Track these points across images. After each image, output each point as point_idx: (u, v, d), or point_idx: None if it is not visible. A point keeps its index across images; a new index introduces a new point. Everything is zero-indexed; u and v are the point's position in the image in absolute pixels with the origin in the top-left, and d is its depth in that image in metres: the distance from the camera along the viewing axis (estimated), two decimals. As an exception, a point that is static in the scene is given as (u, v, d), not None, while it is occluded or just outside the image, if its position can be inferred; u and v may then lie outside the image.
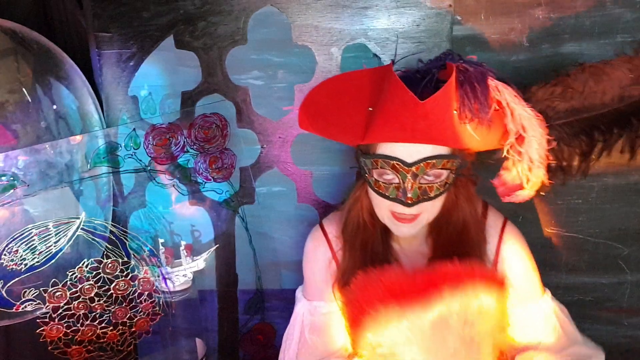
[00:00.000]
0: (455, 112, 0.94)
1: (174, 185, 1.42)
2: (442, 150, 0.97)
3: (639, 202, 1.36)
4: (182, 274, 1.41)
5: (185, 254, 1.40)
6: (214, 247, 1.46)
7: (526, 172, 1.00)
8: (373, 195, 1.05)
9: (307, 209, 1.46)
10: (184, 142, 1.40)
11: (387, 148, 0.98)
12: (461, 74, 0.96)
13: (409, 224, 1.02)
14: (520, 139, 0.98)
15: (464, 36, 1.30)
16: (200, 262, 1.41)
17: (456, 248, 1.06)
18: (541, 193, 1.04)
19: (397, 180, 0.98)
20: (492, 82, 0.97)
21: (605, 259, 1.39)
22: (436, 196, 1.00)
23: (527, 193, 1.03)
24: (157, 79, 1.39)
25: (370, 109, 0.97)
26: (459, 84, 0.95)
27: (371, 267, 1.03)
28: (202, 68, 1.38)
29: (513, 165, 1.02)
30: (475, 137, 0.96)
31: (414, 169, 0.96)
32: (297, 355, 1.20)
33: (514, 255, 1.12)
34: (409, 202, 0.98)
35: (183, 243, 1.40)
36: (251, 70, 1.37)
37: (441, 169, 0.98)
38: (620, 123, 1.13)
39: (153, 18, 1.35)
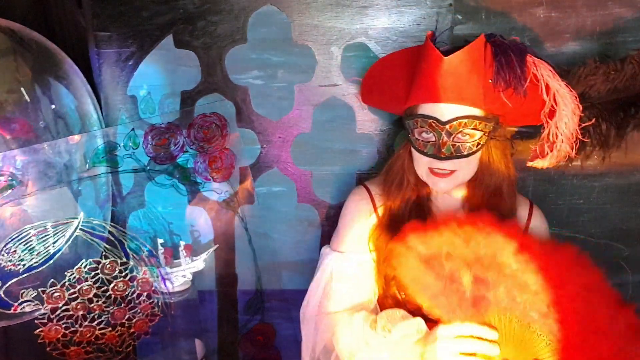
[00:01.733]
0: (490, 81, 1.06)
1: (173, 185, 1.42)
2: (475, 111, 1.07)
3: (639, 203, 1.36)
4: (182, 275, 1.40)
5: (185, 254, 1.39)
6: (214, 248, 1.45)
7: (551, 143, 1.11)
8: (414, 153, 1.15)
9: (307, 209, 1.46)
10: (184, 142, 1.39)
11: (427, 109, 1.09)
12: (497, 47, 1.08)
13: (444, 179, 1.11)
14: (552, 112, 1.09)
15: (464, 35, 1.30)
16: (199, 263, 1.40)
17: (490, 211, 1.11)
18: (568, 165, 1.14)
19: (433, 138, 1.09)
20: (530, 59, 1.09)
21: (607, 260, 1.39)
22: (469, 154, 1.09)
23: (543, 163, 1.15)
24: (157, 78, 1.38)
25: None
26: (494, 54, 1.07)
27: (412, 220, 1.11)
28: (202, 67, 1.37)
29: (545, 136, 1.12)
30: (508, 104, 1.06)
31: (447, 127, 1.07)
32: (321, 304, 1.22)
33: (540, 230, 1.20)
34: (443, 156, 1.08)
35: (182, 243, 1.40)
36: (251, 70, 1.37)
37: (473, 129, 1.07)
38: None
39: (152, 17, 1.34)
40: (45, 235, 1.28)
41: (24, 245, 1.26)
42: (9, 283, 1.26)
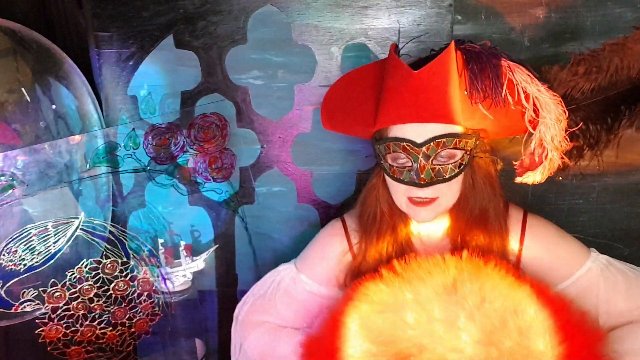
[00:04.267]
0: (465, 92, 0.95)
1: (173, 186, 1.42)
2: (453, 129, 0.97)
3: (638, 203, 1.36)
4: (182, 274, 1.40)
5: (185, 254, 1.39)
6: (214, 247, 1.45)
7: (540, 154, 1.00)
8: (390, 182, 1.05)
9: (307, 209, 1.46)
10: (184, 142, 1.39)
11: (398, 130, 0.99)
12: (468, 54, 0.97)
13: (426, 207, 1.01)
14: (535, 120, 0.98)
15: (464, 36, 1.29)
16: (199, 263, 1.41)
17: (477, 238, 1.04)
18: (559, 178, 1.03)
19: (410, 163, 0.98)
20: (505, 63, 0.98)
21: (606, 259, 1.39)
22: (451, 177, 0.98)
23: (534, 177, 1.02)
24: (157, 78, 1.39)
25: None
26: (466, 63, 0.96)
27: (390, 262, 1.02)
28: (202, 68, 1.37)
29: (530, 146, 1.01)
30: (488, 116, 0.96)
31: (424, 149, 0.96)
32: (252, 312, 1.22)
33: (539, 242, 1.09)
34: (422, 182, 0.97)
35: (183, 243, 1.40)
36: (251, 70, 1.37)
37: (453, 148, 0.97)
38: None
39: (153, 17, 1.34)
40: (46, 235, 1.28)
41: (25, 245, 1.26)
42: (10, 283, 1.26)
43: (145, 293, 1.38)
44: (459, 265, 0.95)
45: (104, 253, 1.34)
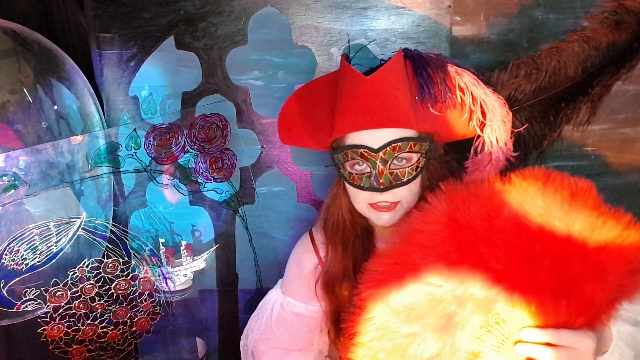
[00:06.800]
0: (417, 97, 0.98)
1: (174, 186, 1.43)
2: (408, 133, 0.99)
3: (637, 203, 1.36)
4: (183, 274, 1.41)
5: (186, 253, 1.40)
6: (215, 247, 1.46)
7: (488, 154, 1.03)
8: (350, 189, 1.06)
9: (307, 208, 1.47)
10: (185, 142, 1.40)
11: (355, 138, 1.01)
12: (416, 61, 1.02)
13: (388, 212, 1.02)
14: (482, 123, 1.02)
15: (463, 37, 1.31)
16: (200, 262, 1.41)
17: None
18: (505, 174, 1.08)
19: (368, 169, 1.00)
20: (452, 68, 1.02)
21: (605, 259, 1.39)
22: (409, 180, 1.00)
23: (481, 176, 1.04)
24: (158, 79, 1.39)
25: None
26: (415, 69, 1.01)
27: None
28: (203, 68, 1.38)
29: (479, 146, 1.05)
30: (440, 117, 1.00)
31: (381, 154, 0.98)
32: (258, 341, 1.23)
33: None
34: (382, 187, 0.99)
35: (183, 243, 1.41)
36: (251, 71, 1.38)
37: (409, 152, 0.99)
38: (583, 91, 1.18)
39: (154, 19, 1.35)
40: (48, 235, 1.29)
41: (27, 244, 1.27)
42: (12, 282, 1.27)
43: (147, 292, 1.39)
44: (444, 199, 0.91)
45: (106, 252, 1.34)
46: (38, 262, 1.28)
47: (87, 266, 1.31)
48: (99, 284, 1.33)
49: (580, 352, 0.78)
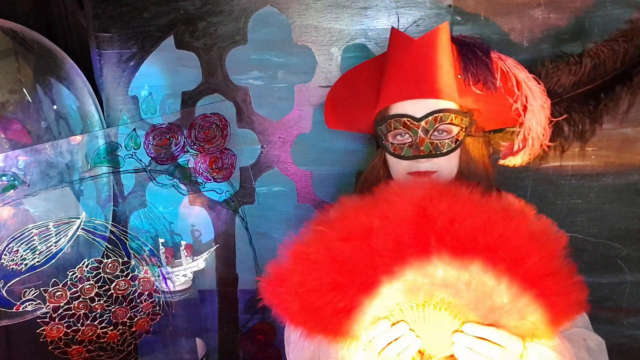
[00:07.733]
0: (460, 76, 1.03)
1: (174, 186, 1.42)
2: (450, 105, 1.03)
3: (638, 202, 1.36)
4: (182, 274, 1.41)
5: (186, 253, 1.40)
6: (214, 247, 1.46)
7: (523, 139, 1.08)
8: (391, 159, 1.09)
9: (307, 208, 1.46)
10: (184, 142, 1.40)
11: (398, 108, 1.05)
12: (461, 43, 1.06)
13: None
14: (524, 108, 1.06)
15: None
16: (200, 262, 1.41)
17: None
18: (539, 162, 1.10)
19: (410, 139, 1.04)
20: (495, 54, 1.07)
21: (605, 259, 1.39)
22: (448, 152, 1.03)
23: (515, 161, 1.12)
24: (158, 79, 1.39)
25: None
26: (460, 50, 1.05)
27: None
28: (203, 68, 1.38)
29: (517, 131, 1.09)
30: (480, 94, 1.04)
31: (423, 123, 1.02)
32: (290, 354, 1.20)
33: None
34: (422, 154, 1.03)
35: (183, 243, 1.41)
36: (251, 71, 1.37)
37: (450, 124, 1.02)
38: (623, 81, 1.19)
39: (153, 18, 1.35)
40: (48, 235, 1.28)
41: (26, 244, 1.27)
42: (12, 282, 1.27)
43: (146, 292, 1.39)
44: (427, 187, 0.92)
45: (105, 253, 1.34)
46: (37, 262, 1.28)
47: (86, 266, 1.31)
48: (99, 284, 1.33)
49: (509, 353, 0.84)
